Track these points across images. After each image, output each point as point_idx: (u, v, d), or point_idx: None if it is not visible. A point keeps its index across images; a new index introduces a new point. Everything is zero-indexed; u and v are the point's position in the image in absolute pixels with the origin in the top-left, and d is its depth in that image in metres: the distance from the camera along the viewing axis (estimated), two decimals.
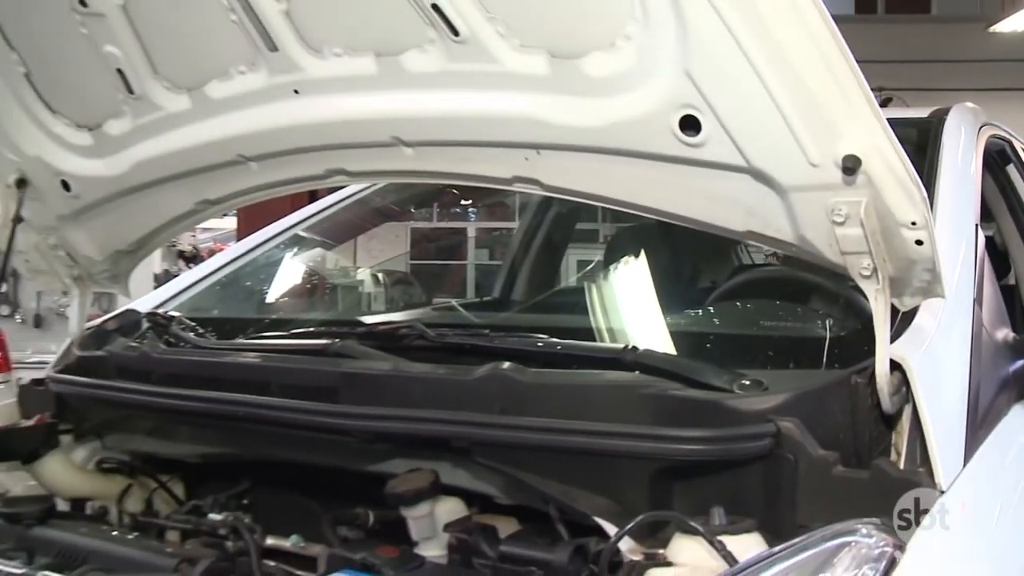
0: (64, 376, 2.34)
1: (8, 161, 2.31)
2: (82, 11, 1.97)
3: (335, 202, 3.21)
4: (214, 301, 2.94)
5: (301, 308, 3.48)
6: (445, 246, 15.18)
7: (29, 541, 1.84)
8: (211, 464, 2.18)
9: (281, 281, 3.33)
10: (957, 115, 2.48)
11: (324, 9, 1.84)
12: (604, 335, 2.28)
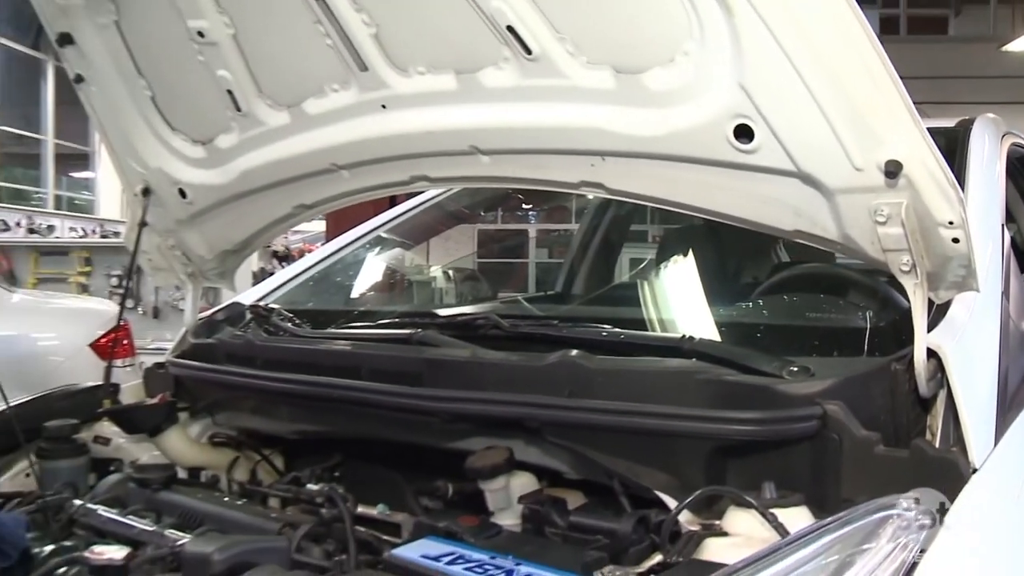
0: (181, 361, 2.39)
1: (136, 173, 2.38)
2: (200, 41, 2.03)
3: (413, 207, 3.22)
4: (308, 295, 2.98)
5: (384, 301, 3.51)
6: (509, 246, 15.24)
7: (156, 503, 1.90)
8: (307, 440, 2.21)
9: (366, 277, 3.37)
10: (982, 125, 2.44)
11: (409, 32, 1.86)
12: (659, 326, 2.27)
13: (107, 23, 2.15)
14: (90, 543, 1.68)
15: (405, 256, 3.92)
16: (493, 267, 12.77)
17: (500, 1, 1.65)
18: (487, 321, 2.04)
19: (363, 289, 3.35)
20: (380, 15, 1.83)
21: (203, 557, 1.46)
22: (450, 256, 6.16)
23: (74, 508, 1.85)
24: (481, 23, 1.71)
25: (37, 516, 1.87)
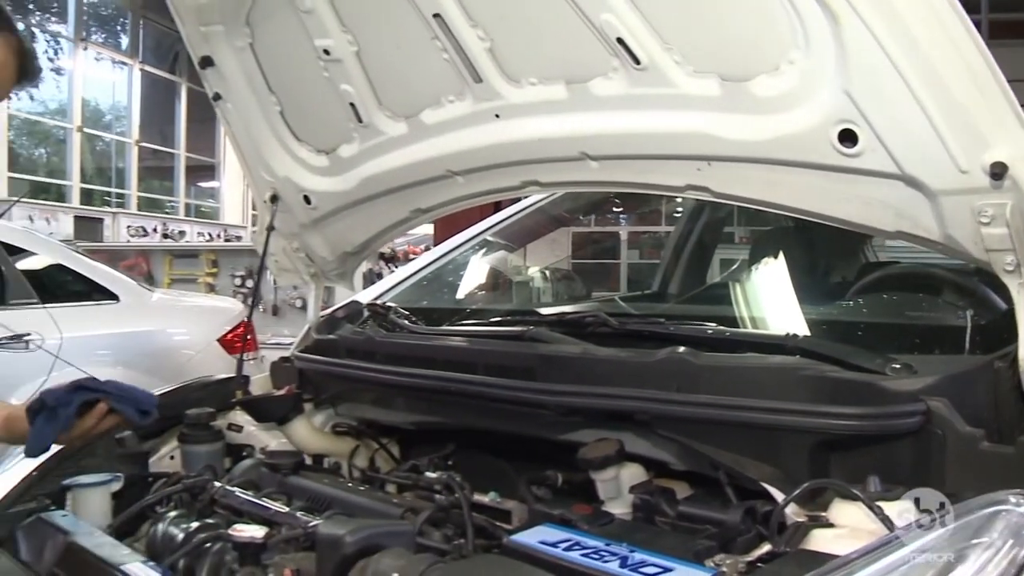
0: (305, 355, 2.42)
1: (265, 182, 2.41)
2: (325, 58, 2.05)
3: (516, 211, 3.21)
4: (420, 294, 2.99)
5: (489, 300, 3.51)
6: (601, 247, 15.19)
7: (287, 487, 1.92)
8: (422, 430, 2.21)
9: (473, 278, 3.37)
10: None
11: (522, 46, 1.84)
12: (758, 324, 2.23)
13: (243, 46, 2.19)
14: (230, 522, 1.71)
15: (508, 258, 3.92)
16: (587, 268, 12.73)
17: (610, 14, 1.63)
18: (596, 319, 2.02)
19: (470, 289, 3.36)
20: (494, 30, 1.83)
21: (336, 538, 1.47)
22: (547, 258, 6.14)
23: (214, 489, 1.88)
24: (591, 36, 1.69)
25: (183, 495, 1.90)
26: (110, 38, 19.75)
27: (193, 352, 5.46)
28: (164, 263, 9.20)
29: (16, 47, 1.64)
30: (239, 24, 2.16)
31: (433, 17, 1.84)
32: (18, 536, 1.83)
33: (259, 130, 2.34)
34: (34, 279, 5.05)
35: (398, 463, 2.28)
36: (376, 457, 2.29)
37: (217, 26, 2.17)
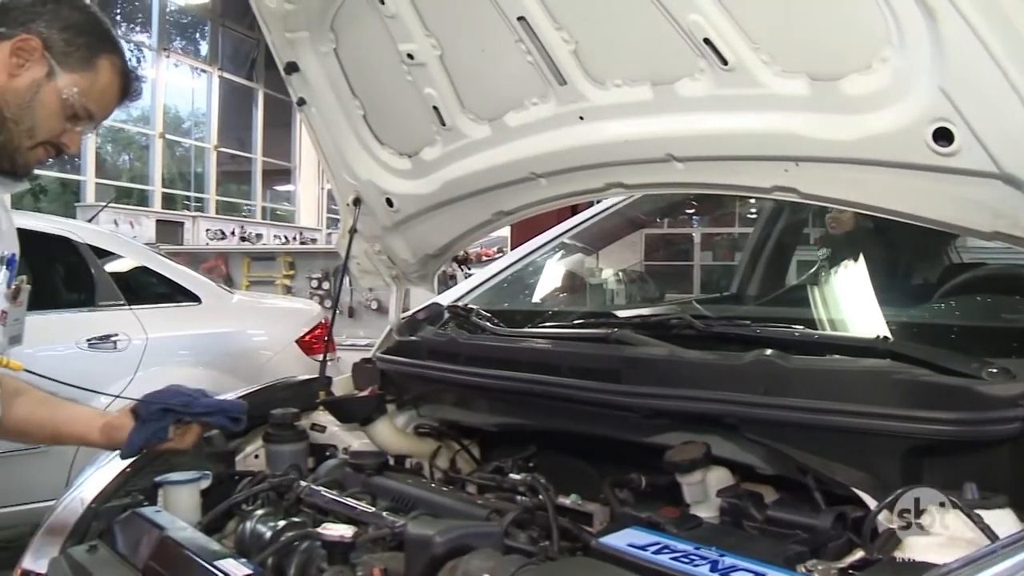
0: (388, 356, 2.45)
1: (348, 185, 2.45)
2: (409, 62, 2.08)
3: (593, 214, 3.21)
4: (499, 296, 3.00)
5: (568, 302, 3.51)
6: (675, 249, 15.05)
7: (371, 487, 1.93)
8: (503, 431, 2.21)
9: (552, 280, 3.37)
10: None
11: (607, 48, 1.84)
12: (843, 326, 2.19)
13: (327, 51, 2.23)
14: (316, 521, 1.73)
15: (585, 260, 3.91)
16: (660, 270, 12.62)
17: (697, 15, 1.61)
18: (681, 321, 2.00)
19: (548, 291, 3.36)
20: (579, 32, 1.83)
21: (426, 539, 1.47)
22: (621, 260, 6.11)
23: (300, 488, 1.91)
24: (678, 37, 1.68)
25: (270, 494, 1.94)
26: (189, 46, 20.24)
27: (272, 353, 5.55)
28: (242, 265, 9.36)
29: (120, 67, 1.71)
30: (324, 30, 2.20)
31: (517, 20, 1.85)
32: (115, 530, 1.88)
33: (342, 134, 2.38)
34: (121, 281, 5.20)
35: (479, 464, 2.29)
36: (457, 458, 2.30)
37: (302, 32, 2.21)
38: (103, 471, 2.13)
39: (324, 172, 9.94)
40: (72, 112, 1.64)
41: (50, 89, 1.61)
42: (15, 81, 1.59)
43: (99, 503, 2.02)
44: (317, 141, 2.44)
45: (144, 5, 18.27)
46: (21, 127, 1.61)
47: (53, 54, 1.61)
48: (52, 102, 1.62)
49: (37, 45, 1.60)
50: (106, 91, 1.69)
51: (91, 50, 1.65)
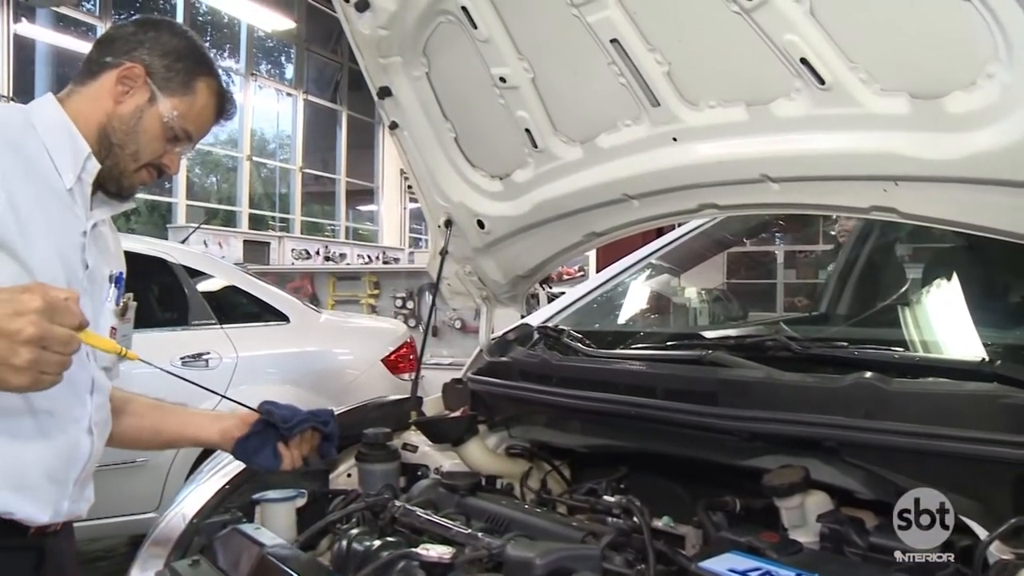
0: (480, 377, 2.47)
1: (439, 207, 2.48)
2: (501, 86, 2.11)
3: (680, 235, 3.20)
4: (588, 317, 3.01)
5: (655, 323, 3.50)
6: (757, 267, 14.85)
7: (465, 508, 1.95)
8: (594, 452, 2.22)
9: (639, 300, 3.37)
10: None
11: (700, 69, 1.84)
12: (935, 347, 2.14)
13: (420, 75, 2.27)
14: (411, 540, 1.76)
15: (671, 280, 3.90)
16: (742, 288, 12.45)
17: (794, 35, 1.61)
18: (776, 343, 1.98)
19: (635, 312, 3.36)
20: (672, 54, 1.83)
21: (526, 561, 1.48)
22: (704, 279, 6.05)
23: (395, 508, 1.94)
24: (773, 57, 1.67)
25: (365, 513, 1.97)
26: (275, 70, 20.75)
27: (358, 372, 5.64)
28: (328, 285, 9.52)
29: (216, 89, 1.77)
30: (416, 55, 2.24)
31: (610, 43, 1.86)
32: (216, 545, 1.94)
33: (434, 157, 2.42)
34: (212, 301, 5.35)
35: (570, 485, 2.29)
36: (547, 479, 2.31)
37: (395, 57, 2.26)
38: (203, 487, 2.20)
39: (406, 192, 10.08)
40: (172, 134, 1.71)
41: (152, 113, 1.68)
42: (121, 108, 1.67)
43: (200, 519, 2.08)
44: (409, 164, 2.48)
45: (233, 32, 18.81)
46: (126, 151, 1.68)
47: (155, 80, 1.69)
48: (154, 126, 1.69)
49: (140, 72, 1.67)
50: (204, 112, 1.76)
51: (189, 74, 1.72)
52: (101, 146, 1.66)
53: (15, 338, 1.22)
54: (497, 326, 2.74)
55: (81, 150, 1.63)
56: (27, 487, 1.53)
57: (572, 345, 2.42)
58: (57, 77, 15.02)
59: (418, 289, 8.63)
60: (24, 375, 1.25)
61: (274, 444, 1.89)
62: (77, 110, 1.66)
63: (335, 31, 20.57)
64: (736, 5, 1.63)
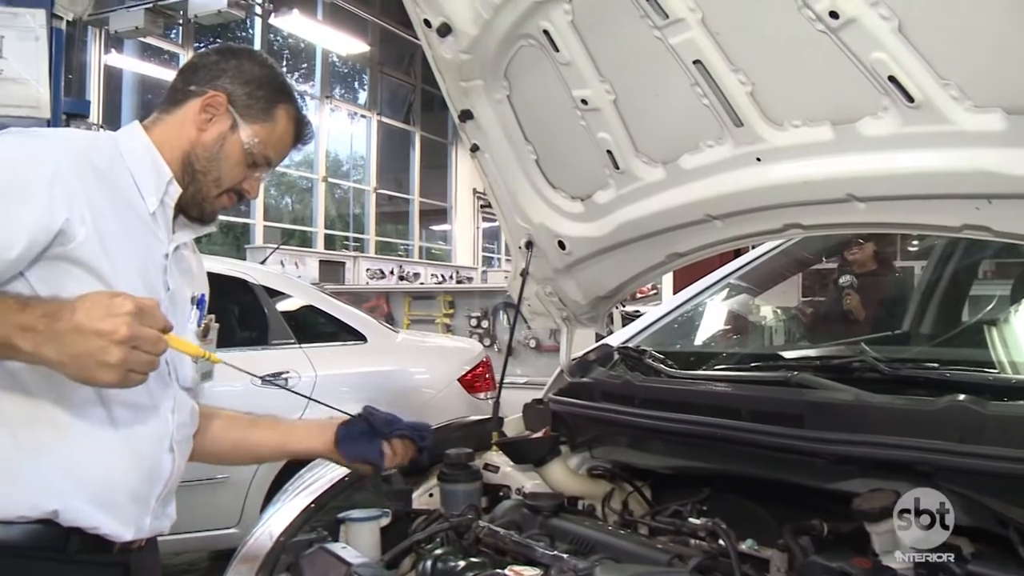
0: (561, 398, 2.47)
1: (520, 228, 2.50)
2: (583, 108, 2.12)
3: (759, 255, 3.18)
4: (668, 337, 3.00)
5: (736, 343, 3.46)
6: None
7: (549, 529, 1.96)
8: (676, 474, 2.21)
9: (719, 320, 3.34)
10: None
11: (785, 88, 1.84)
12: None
13: (501, 98, 2.30)
14: (496, 561, 1.77)
15: (749, 300, 3.86)
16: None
17: (882, 52, 1.59)
18: (864, 363, 1.95)
19: (714, 332, 3.34)
20: (756, 74, 1.83)
21: None
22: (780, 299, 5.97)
23: (479, 528, 1.95)
24: (860, 75, 1.66)
25: (449, 533, 1.99)
26: (348, 93, 21.09)
27: (434, 391, 5.68)
28: (403, 304, 9.60)
29: (295, 115, 1.82)
30: (498, 78, 2.27)
31: (693, 63, 1.86)
32: (302, 564, 1.98)
33: (515, 179, 2.44)
34: (291, 320, 5.45)
35: (651, 506, 2.28)
36: (629, 500, 2.31)
37: (477, 81, 2.29)
38: (289, 506, 2.24)
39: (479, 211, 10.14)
40: (253, 160, 1.76)
41: (234, 140, 1.74)
42: (204, 135, 1.73)
43: (287, 537, 2.12)
44: (490, 186, 2.51)
45: (308, 56, 19.21)
46: (209, 177, 1.73)
47: (236, 107, 1.74)
48: (236, 152, 1.74)
49: (223, 100, 1.73)
50: (283, 138, 1.81)
51: (269, 101, 1.77)
52: (184, 172, 1.72)
53: (109, 337, 1.31)
54: (574, 346, 2.74)
55: (163, 175, 1.69)
56: (111, 504, 1.57)
57: (654, 366, 2.41)
58: (142, 104, 15.49)
59: (493, 308, 8.66)
60: (115, 372, 1.33)
61: (378, 443, 1.93)
62: (162, 137, 1.72)
63: (407, 53, 20.88)
64: (822, 24, 1.62)
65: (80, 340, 1.31)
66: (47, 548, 1.51)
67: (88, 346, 1.31)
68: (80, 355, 1.32)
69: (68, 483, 1.52)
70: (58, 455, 1.52)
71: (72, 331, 1.32)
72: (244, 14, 14.29)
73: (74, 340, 1.32)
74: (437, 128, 21.90)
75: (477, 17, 2.11)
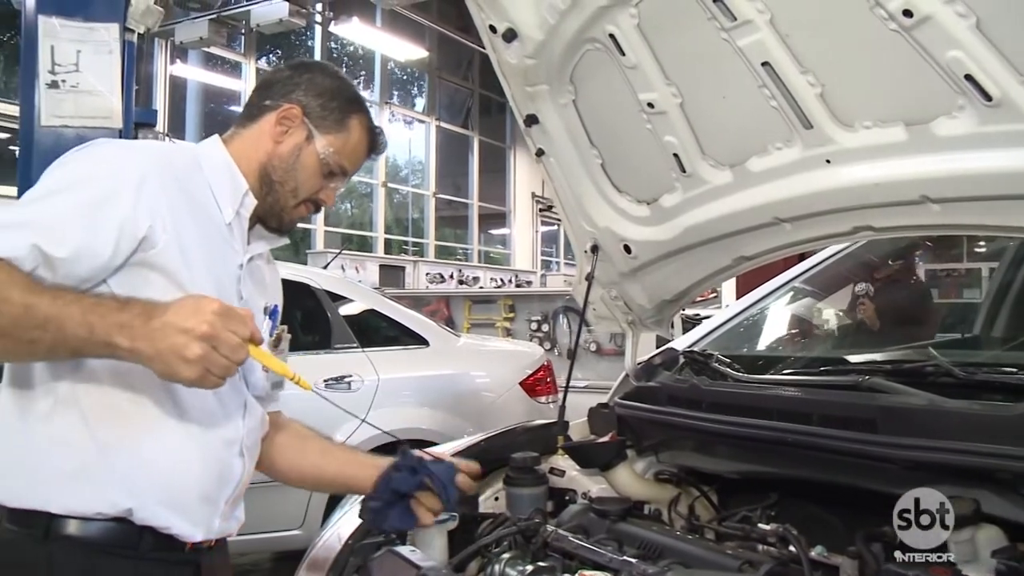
0: (627, 402, 2.46)
1: (585, 232, 2.50)
2: (649, 111, 2.12)
3: (824, 258, 3.13)
4: (732, 341, 2.97)
5: (801, 347, 3.42)
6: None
7: (616, 533, 1.95)
8: (744, 479, 2.19)
9: (783, 324, 3.31)
10: None
11: (856, 89, 1.81)
12: None
13: (566, 103, 2.30)
14: (565, 566, 1.77)
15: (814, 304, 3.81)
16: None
17: (958, 51, 1.56)
18: (938, 367, 1.92)
19: (780, 336, 3.31)
20: (826, 75, 1.81)
21: None
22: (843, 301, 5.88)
23: (547, 533, 1.95)
24: (934, 74, 1.63)
25: (517, 537, 1.99)
26: (406, 98, 21.28)
27: (495, 395, 5.69)
28: (464, 308, 9.64)
29: (368, 125, 1.86)
30: (563, 83, 2.27)
31: (761, 66, 1.85)
32: (371, 567, 2.00)
33: (580, 183, 2.44)
34: (353, 324, 5.50)
35: (718, 511, 2.27)
36: (695, 505, 2.29)
37: (542, 85, 2.29)
38: (358, 509, 2.26)
39: (538, 215, 10.13)
40: (328, 170, 1.80)
41: (310, 151, 1.78)
42: (280, 147, 1.77)
43: (355, 540, 2.14)
44: (555, 190, 2.51)
45: (367, 63, 19.42)
46: (286, 188, 1.78)
47: (311, 119, 1.78)
48: (312, 163, 1.78)
49: (298, 113, 1.77)
50: (357, 148, 1.84)
51: (343, 112, 1.81)
52: (262, 183, 1.77)
53: (191, 333, 1.37)
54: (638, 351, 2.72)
55: (240, 187, 1.74)
56: (182, 505, 1.62)
57: (721, 370, 2.39)
58: (205, 113, 15.80)
59: (553, 312, 8.65)
60: (193, 368, 1.38)
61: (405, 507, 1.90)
62: (239, 150, 1.77)
63: (465, 58, 21.01)
64: (895, 23, 1.60)
65: (167, 335, 1.37)
66: (121, 545, 1.56)
67: (173, 341, 1.37)
68: (165, 350, 1.37)
69: (142, 483, 1.56)
70: (134, 455, 1.56)
71: (162, 327, 1.37)
72: (305, 23, 14.51)
73: (162, 335, 1.37)
74: (495, 132, 21.99)
75: (543, 22, 2.12)
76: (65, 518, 1.52)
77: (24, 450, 1.55)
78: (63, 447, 1.54)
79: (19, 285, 1.37)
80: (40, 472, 1.54)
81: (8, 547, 1.54)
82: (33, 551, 1.52)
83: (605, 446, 2.33)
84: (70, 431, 1.54)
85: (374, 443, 5.04)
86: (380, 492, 1.90)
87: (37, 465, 1.54)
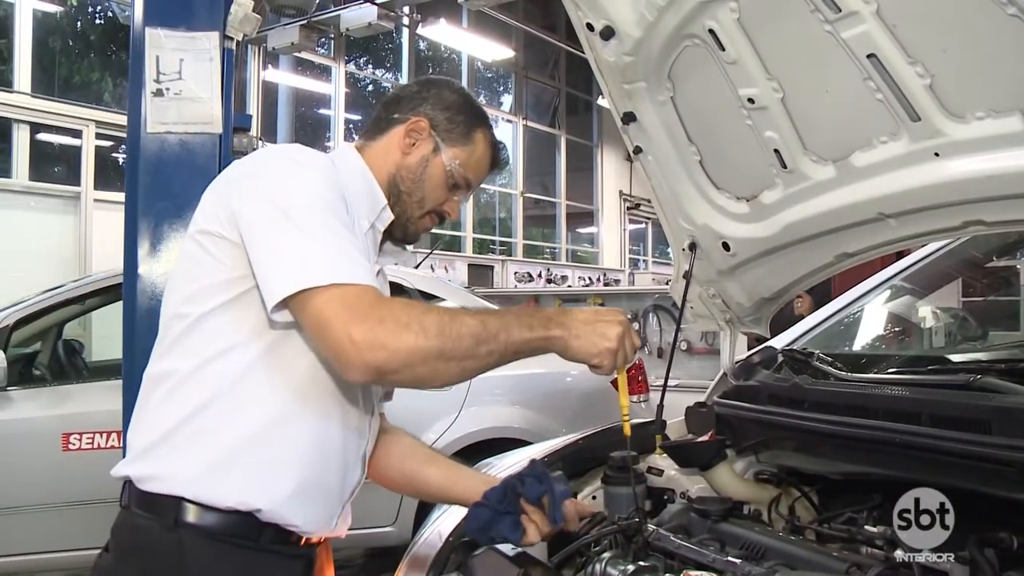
0: (726, 401, 2.44)
1: (683, 230, 2.49)
2: (749, 107, 2.09)
3: (924, 255, 3.06)
4: (831, 339, 2.92)
5: (901, 346, 3.35)
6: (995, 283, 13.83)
7: (718, 533, 1.93)
8: (845, 479, 2.14)
9: (883, 323, 3.24)
10: None
11: (968, 79, 1.76)
12: None
13: (664, 100, 2.29)
14: (667, 566, 1.76)
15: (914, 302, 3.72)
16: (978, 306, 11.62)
17: None
18: None
19: (879, 334, 3.24)
20: (935, 65, 1.76)
21: None
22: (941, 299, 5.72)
23: (648, 532, 1.95)
24: None
25: (617, 536, 1.99)
26: (493, 98, 21.36)
27: (586, 394, 5.67)
28: (553, 307, 9.65)
29: (491, 140, 1.91)
30: (661, 79, 2.26)
31: (867, 58, 1.81)
32: (473, 565, 2.01)
33: (678, 180, 2.42)
34: None
35: (819, 512, 2.22)
36: (796, 506, 2.25)
37: (640, 83, 2.29)
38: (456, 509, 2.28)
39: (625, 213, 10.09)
40: (454, 182, 1.86)
41: (436, 163, 1.84)
42: (408, 159, 1.83)
43: (456, 537, 2.16)
44: (652, 188, 2.50)
45: (454, 65, 19.57)
46: (413, 198, 1.84)
47: (438, 132, 1.84)
48: (438, 174, 1.84)
49: (425, 125, 1.84)
50: (481, 161, 1.89)
51: (468, 126, 1.87)
52: (390, 194, 1.83)
53: (614, 318, 1.59)
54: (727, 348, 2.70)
55: (378, 200, 1.80)
56: (312, 506, 1.68)
57: (823, 368, 2.35)
58: (296, 117, 16.11)
59: (643, 311, 8.60)
60: (612, 344, 1.57)
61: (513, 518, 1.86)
62: (370, 160, 1.83)
63: (551, 57, 21.01)
64: (1015, 7, 1.54)
65: (590, 322, 1.56)
66: (243, 536, 1.61)
67: (597, 321, 1.56)
68: (590, 330, 1.56)
69: (281, 484, 1.62)
70: (278, 456, 1.62)
71: (581, 317, 1.57)
72: (393, 25, 14.70)
73: (584, 318, 1.56)
74: (582, 131, 21.93)
75: (640, 19, 2.11)
76: (194, 506, 1.58)
77: (164, 437, 1.61)
78: (206, 437, 1.59)
79: (454, 310, 1.50)
80: (180, 461, 1.60)
81: (141, 532, 1.61)
82: (165, 537, 1.57)
83: (705, 445, 2.31)
84: (215, 423, 1.59)
85: (463, 443, 5.12)
86: (492, 500, 1.89)
87: (179, 454, 1.60)
